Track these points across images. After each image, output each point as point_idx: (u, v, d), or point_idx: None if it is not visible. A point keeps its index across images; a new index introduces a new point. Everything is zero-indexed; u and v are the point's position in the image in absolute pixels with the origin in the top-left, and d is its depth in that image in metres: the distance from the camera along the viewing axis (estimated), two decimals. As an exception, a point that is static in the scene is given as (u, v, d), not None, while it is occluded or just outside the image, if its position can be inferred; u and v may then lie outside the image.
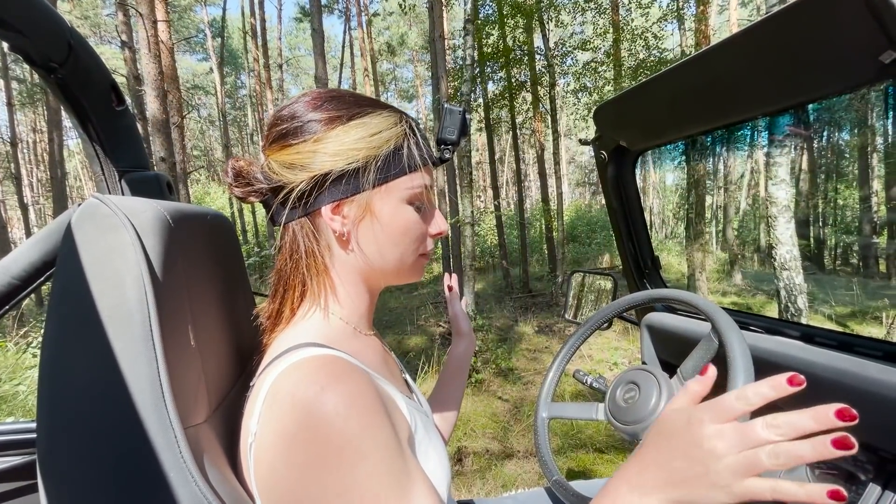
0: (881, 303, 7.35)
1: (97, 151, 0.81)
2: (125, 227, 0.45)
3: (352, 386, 0.42)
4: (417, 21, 22.95)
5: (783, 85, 0.74)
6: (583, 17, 9.24)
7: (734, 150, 1.46)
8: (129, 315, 0.43)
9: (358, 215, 0.53)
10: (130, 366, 0.42)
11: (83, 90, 0.73)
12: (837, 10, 0.56)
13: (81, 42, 0.71)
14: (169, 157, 5.56)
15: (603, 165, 1.25)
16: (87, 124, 0.78)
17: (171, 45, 6.62)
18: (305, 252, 0.54)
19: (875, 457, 0.75)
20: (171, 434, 0.42)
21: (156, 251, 0.46)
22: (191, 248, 0.56)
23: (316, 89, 0.57)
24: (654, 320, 1.22)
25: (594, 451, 3.03)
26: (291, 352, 0.47)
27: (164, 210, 0.50)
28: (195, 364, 0.51)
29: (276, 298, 0.57)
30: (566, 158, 25.02)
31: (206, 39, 19.16)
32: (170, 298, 0.47)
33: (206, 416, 0.51)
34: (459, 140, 0.61)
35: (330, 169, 0.51)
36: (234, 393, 0.61)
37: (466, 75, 5.38)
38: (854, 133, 9.12)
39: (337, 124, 0.52)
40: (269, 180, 0.53)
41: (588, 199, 26.06)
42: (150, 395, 0.42)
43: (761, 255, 12.87)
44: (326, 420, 0.40)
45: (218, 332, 0.60)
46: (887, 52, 0.56)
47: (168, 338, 0.45)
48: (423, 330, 7.05)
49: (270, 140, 0.54)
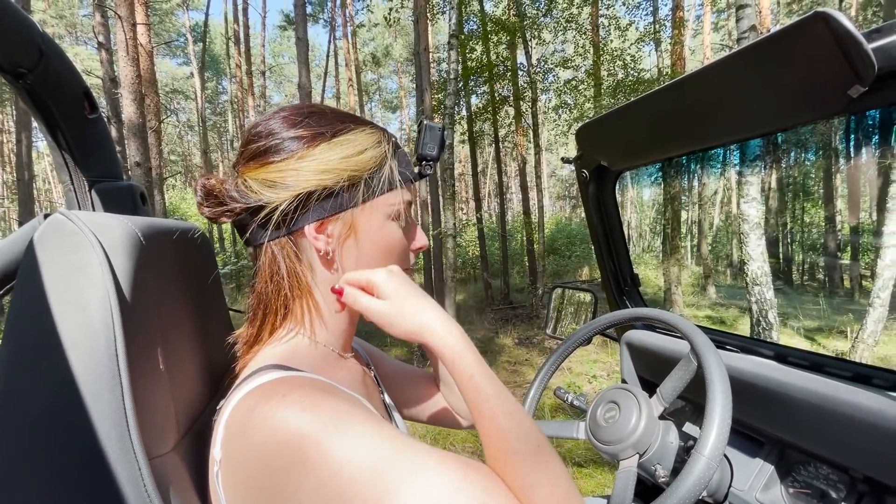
0: (845, 317, 7.65)
1: (66, 160, 0.77)
2: (92, 245, 0.42)
3: (315, 390, 0.41)
4: (402, 33, 23.16)
5: (757, 114, 0.76)
6: (564, 35, 9.50)
7: (709, 168, 1.54)
8: (92, 339, 0.40)
9: (343, 233, 0.52)
10: (93, 394, 0.39)
11: (54, 97, 0.70)
12: (809, 46, 0.58)
13: (53, 47, 0.69)
14: (144, 161, 5.42)
15: (584, 184, 1.26)
16: (56, 132, 0.74)
17: (151, 49, 6.50)
18: (287, 273, 0.52)
19: (846, 476, 0.77)
20: (136, 467, 0.39)
21: (124, 270, 0.44)
22: (162, 266, 0.54)
23: (291, 105, 0.55)
24: (633, 338, 1.24)
25: (573, 465, 3.03)
26: (255, 375, 0.45)
27: (135, 226, 0.48)
28: (164, 389, 0.48)
29: (254, 322, 0.54)
30: (547, 172, 25.44)
31: (188, 44, 18.87)
32: (138, 320, 0.45)
33: (174, 443, 0.49)
34: (439, 156, 0.61)
35: (315, 187, 0.49)
36: (204, 416, 0.59)
37: (450, 88, 5.44)
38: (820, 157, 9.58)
39: (320, 141, 0.50)
40: (245, 199, 0.50)
41: (568, 212, 26.48)
42: (113, 425, 0.39)
43: (734, 270, 13.27)
44: (293, 420, 0.38)
45: (189, 353, 0.57)
46: (854, 86, 0.58)
47: (135, 362, 0.42)
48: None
49: (247, 157, 0.51)
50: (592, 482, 2.86)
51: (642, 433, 0.78)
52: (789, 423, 0.83)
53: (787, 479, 0.85)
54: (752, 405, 0.89)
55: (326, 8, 19.28)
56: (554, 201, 30.26)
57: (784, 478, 0.86)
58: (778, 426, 0.87)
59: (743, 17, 3.94)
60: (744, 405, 0.87)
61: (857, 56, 0.54)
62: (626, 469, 0.78)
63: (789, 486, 0.84)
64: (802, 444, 0.83)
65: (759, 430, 0.91)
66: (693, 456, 0.64)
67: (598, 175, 1.23)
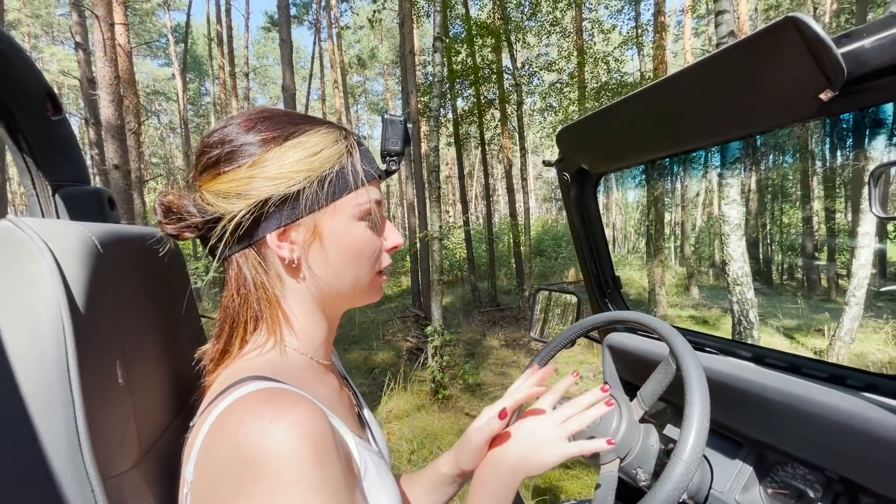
0: (823, 316, 7.84)
1: (28, 164, 0.74)
2: (42, 254, 0.40)
3: (302, 416, 0.39)
4: (388, 36, 23.14)
5: (734, 116, 0.77)
6: (548, 39, 9.59)
7: (691, 170, 1.57)
8: (42, 353, 0.38)
9: (307, 239, 0.50)
10: (42, 411, 0.37)
11: (13, 98, 0.67)
12: (780, 50, 0.59)
13: (13, 46, 0.66)
14: (123, 164, 5.30)
15: (566, 187, 1.27)
16: (16, 134, 0.71)
17: (130, 49, 6.37)
18: (254, 285, 0.50)
19: (823, 476, 0.77)
20: (88, 487, 0.37)
21: (78, 280, 0.42)
22: (124, 275, 0.51)
23: (245, 110, 0.53)
24: (615, 340, 1.24)
25: (560, 468, 3.04)
26: (235, 387, 0.43)
27: (92, 234, 0.46)
28: (123, 404, 0.46)
29: (220, 338, 0.52)
30: (533, 174, 25.63)
31: (169, 44, 18.56)
32: (94, 333, 0.42)
33: (135, 461, 0.47)
34: (403, 150, 0.59)
35: (270, 194, 0.47)
36: (171, 431, 0.56)
37: (436, 91, 5.44)
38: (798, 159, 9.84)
39: (273, 146, 0.48)
40: (203, 213, 0.48)
41: (555, 215, 26.71)
42: (64, 443, 0.37)
43: (716, 270, 13.52)
44: (277, 454, 0.36)
45: (154, 365, 0.55)
46: (826, 90, 0.59)
47: (89, 376, 0.40)
48: (391, 345, 6.94)
49: (200, 169, 0.50)
50: (579, 483, 2.87)
51: (623, 437, 0.78)
52: (767, 424, 0.84)
53: (765, 479, 0.86)
54: (730, 407, 0.89)
55: (311, 10, 19.18)
56: (540, 203, 30.50)
57: (763, 478, 0.86)
58: (756, 427, 0.87)
59: (722, 23, 4.02)
60: (723, 407, 0.88)
61: (827, 60, 0.55)
62: (608, 473, 0.77)
63: (768, 487, 0.85)
64: (780, 445, 0.84)
65: (737, 431, 0.92)
66: (672, 460, 0.64)
67: (580, 178, 1.23)
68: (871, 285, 6.04)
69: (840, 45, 0.56)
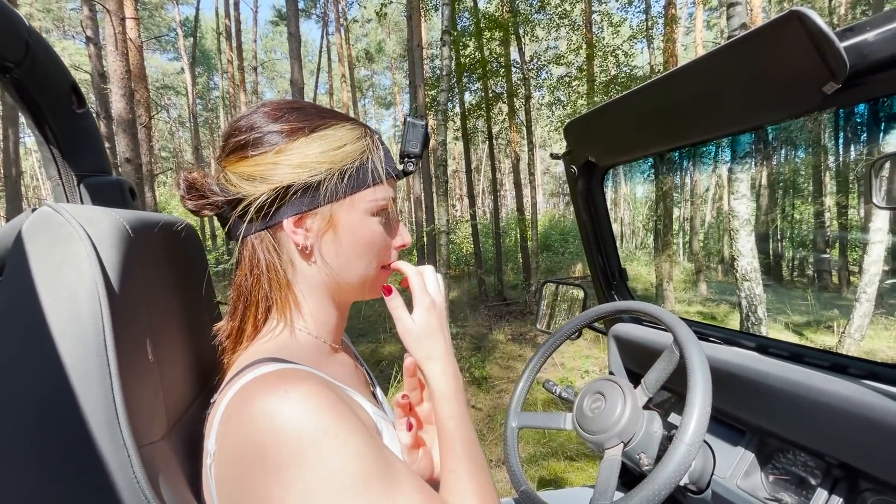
0: (833, 313, 7.77)
1: (54, 155, 0.77)
2: (80, 237, 0.43)
3: (315, 388, 0.41)
4: (396, 29, 23.05)
5: (739, 109, 0.78)
6: (557, 32, 9.51)
7: (700, 165, 1.56)
8: (81, 329, 0.41)
9: (321, 228, 0.52)
10: (82, 382, 0.40)
11: (41, 91, 0.70)
12: (785, 43, 0.60)
13: (40, 41, 0.69)
14: (135, 158, 5.36)
15: (573, 180, 1.28)
16: (44, 126, 0.74)
17: (140, 43, 6.42)
18: (267, 266, 0.52)
19: (823, 462, 0.79)
20: (125, 453, 0.40)
21: (112, 263, 0.45)
22: (151, 259, 0.54)
23: (275, 99, 0.55)
24: (620, 331, 1.26)
25: (565, 459, 3.06)
26: (251, 368, 0.45)
27: (123, 219, 0.49)
28: (153, 379, 0.49)
29: (235, 316, 0.54)
30: (541, 169, 25.50)
31: (178, 39, 18.65)
32: (127, 312, 0.45)
33: (164, 432, 0.50)
34: (422, 153, 0.62)
35: (292, 181, 0.49)
36: (195, 408, 0.59)
37: (443, 85, 5.43)
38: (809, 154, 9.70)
39: (300, 136, 0.51)
40: (225, 192, 0.51)
41: (562, 209, 26.57)
42: (102, 412, 0.40)
43: (725, 266, 13.40)
44: (295, 419, 0.38)
45: (179, 345, 0.58)
46: (829, 83, 0.60)
47: (124, 352, 0.43)
48: (397, 338, 6.98)
49: (227, 151, 0.52)
50: (584, 475, 2.90)
51: (627, 422, 0.80)
52: (769, 411, 0.86)
53: (766, 466, 0.88)
54: (734, 395, 0.91)
55: (319, 3, 19.14)
56: (548, 198, 30.34)
57: (764, 465, 0.88)
58: (759, 415, 0.89)
59: (734, 15, 3.97)
60: (726, 395, 0.89)
61: (830, 54, 0.56)
62: (611, 458, 0.80)
63: (769, 473, 0.87)
64: (782, 432, 0.85)
65: (740, 419, 0.94)
66: (674, 443, 0.66)
67: (587, 170, 1.24)
68: (883, 281, 5.98)
69: (843, 39, 0.57)
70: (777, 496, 0.83)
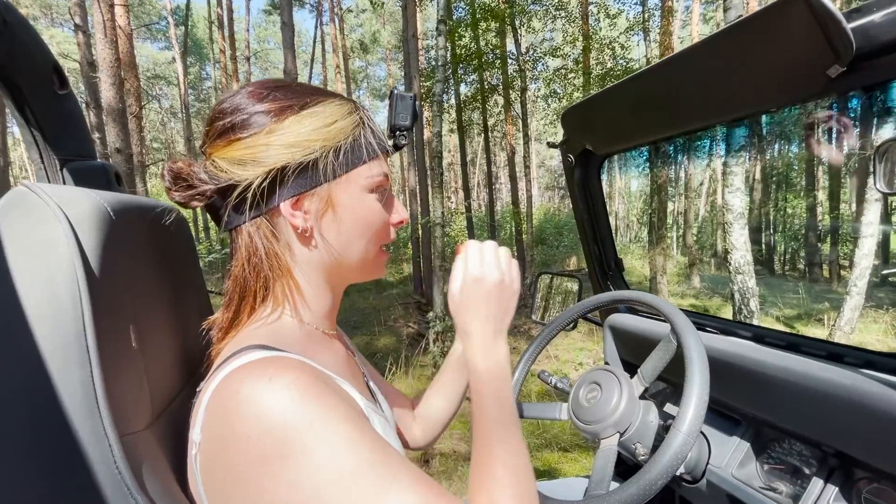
0: (823, 305, 7.85)
1: (36, 137, 0.74)
2: (57, 218, 0.41)
3: (302, 376, 0.40)
4: (391, 19, 22.79)
5: (739, 95, 0.77)
6: (553, 24, 9.45)
7: (695, 158, 1.55)
8: (59, 313, 0.39)
9: (320, 209, 0.50)
10: (60, 369, 0.38)
11: (20, 70, 0.68)
12: (789, 25, 0.58)
13: (19, 19, 0.66)
14: (125, 148, 5.28)
15: (570, 168, 1.27)
16: (24, 107, 0.72)
17: (130, 31, 6.30)
18: (266, 254, 0.50)
19: (819, 451, 0.79)
20: (105, 442, 0.38)
21: (92, 245, 0.43)
22: (135, 243, 0.52)
23: (256, 80, 0.53)
24: (616, 321, 1.25)
25: (559, 450, 3.08)
26: (238, 355, 0.44)
27: (104, 201, 0.47)
28: (136, 367, 0.47)
29: (230, 308, 0.52)
30: (536, 162, 25.47)
31: (169, 27, 18.33)
32: (108, 296, 0.43)
33: (149, 422, 0.48)
34: (412, 125, 0.60)
35: (287, 162, 0.47)
36: (182, 397, 0.58)
37: (439, 75, 5.38)
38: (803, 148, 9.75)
39: (289, 114, 0.48)
40: (215, 180, 0.48)
41: (557, 203, 26.59)
42: (82, 400, 0.38)
43: (718, 259, 13.50)
44: (280, 408, 0.37)
45: (165, 333, 0.56)
46: (834, 66, 0.59)
47: (105, 338, 0.41)
48: (392, 330, 6.99)
49: (213, 136, 0.49)
50: (578, 466, 2.92)
51: (623, 412, 0.80)
52: (765, 400, 0.85)
53: (762, 455, 0.88)
54: (730, 384, 0.90)
55: (313, -8, 18.85)
56: (542, 191, 30.35)
57: (759, 454, 0.88)
58: (755, 404, 0.89)
59: (731, 8, 3.95)
60: (722, 384, 0.89)
61: (836, 35, 0.55)
62: (607, 447, 0.79)
63: (764, 463, 0.87)
64: (777, 422, 0.85)
65: (736, 408, 0.94)
66: (671, 432, 0.65)
67: (584, 159, 1.23)
68: (873, 275, 6.04)
69: (850, 20, 0.56)
70: (772, 485, 0.83)
